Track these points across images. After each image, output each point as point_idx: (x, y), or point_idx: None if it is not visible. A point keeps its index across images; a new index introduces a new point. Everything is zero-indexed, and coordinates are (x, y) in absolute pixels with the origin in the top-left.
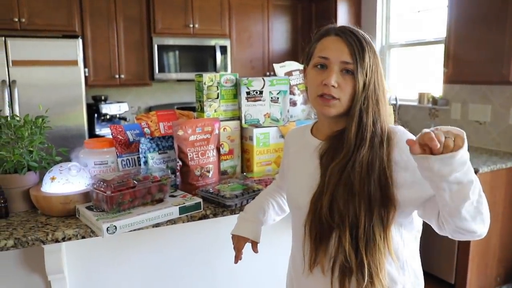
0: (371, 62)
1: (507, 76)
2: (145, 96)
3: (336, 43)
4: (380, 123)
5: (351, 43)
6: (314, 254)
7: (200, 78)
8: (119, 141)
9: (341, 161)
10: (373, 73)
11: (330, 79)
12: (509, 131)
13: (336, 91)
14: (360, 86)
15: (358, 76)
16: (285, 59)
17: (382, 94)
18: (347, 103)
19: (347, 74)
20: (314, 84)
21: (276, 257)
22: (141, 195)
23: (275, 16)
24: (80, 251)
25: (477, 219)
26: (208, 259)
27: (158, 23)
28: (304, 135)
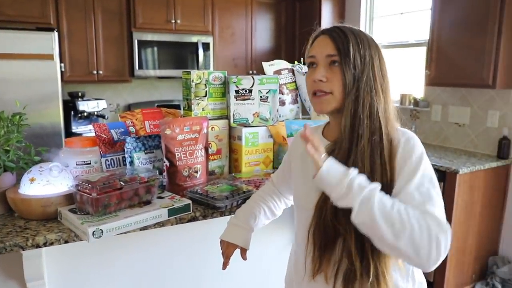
0: (361, 53)
1: (487, 80)
2: (124, 93)
3: (322, 41)
4: (378, 118)
5: (335, 36)
6: (318, 263)
7: (188, 75)
8: (102, 140)
9: (340, 161)
10: (365, 65)
11: (316, 74)
12: (487, 133)
13: (325, 85)
14: (348, 77)
15: (345, 66)
16: (268, 58)
17: (380, 88)
18: (340, 96)
19: (334, 65)
20: (308, 85)
21: (266, 260)
22: (128, 197)
23: (259, 14)
24: (61, 256)
25: (400, 239)
26: (197, 262)
27: (138, 18)
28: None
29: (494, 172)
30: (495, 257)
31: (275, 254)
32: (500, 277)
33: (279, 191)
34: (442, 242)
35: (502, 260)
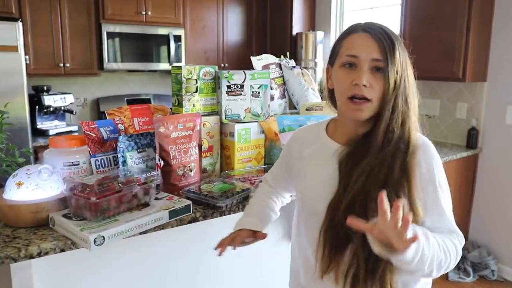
0: (401, 59)
1: (457, 73)
2: (92, 87)
3: (365, 40)
4: (408, 125)
5: (381, 39)
6: (328, 263)
7: (179, 70)
8: (92, 139)
9: (365, 167)
10: (403, 71)
11: (362, 78)
12: (456, 124)
13: (368, 91)
14: (391, 85)
15: (389, 74)
16: (240, 51)
17: (412, 93)
18: (377, 104)
19: (378, 72)
20: (344, 85)
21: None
22: (127, 200)
23: (230, 7)
24: (52, 266)
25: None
26: (194, 263)
27: (107, 9)
28: (319, 136)
29: (464, 161)
30: (466, 243)
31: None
32: (471, 261)
33: (277, 191)
34: (461, 255)
35: (472, 245)
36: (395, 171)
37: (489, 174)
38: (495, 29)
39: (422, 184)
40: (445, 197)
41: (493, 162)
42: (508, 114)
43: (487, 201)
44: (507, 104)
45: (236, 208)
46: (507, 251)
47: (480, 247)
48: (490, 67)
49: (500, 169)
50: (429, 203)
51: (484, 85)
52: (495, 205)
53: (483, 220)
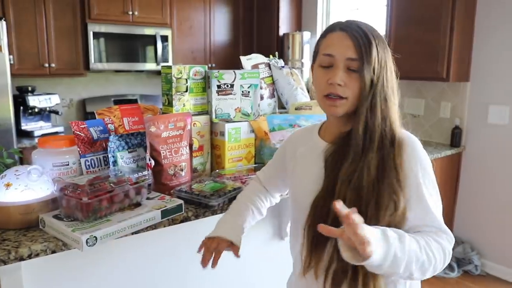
0: (379, 57)
1: (441, 73)
2: (77, 87)
3: (341, 39)
4: (389, 122)
5: (357, 37)
6: (309, 259)
7: (169, 69)
8: (81, 139)
9: (350, 165)
10: (382, 69)
11: (336, 77)
12: (440, 124)
13: (342, 90)
14: (366, 84)
15: (365, 73)
16: (227, 50)
17: (392, 91)
18: (354, 101)
19: (353, 72)
20: (320, 84)
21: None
22: (119, 200)
23: (217, 7)
24: (42, 268)
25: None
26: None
27: (93, 8)
28: (312, 136)
29: (448, 159)
30: None
31: (259, 250)
32: (455, 257)
33: (267, 189)
34: (451, 254)
35: (456, 240)
36: (378, 169)
37: (472, 172)
38: (477, 30)
39: (407, 181)
40: (431, 195)
41: (476, 160)
42: (490, 113)
43: (470, 198)
44: (489, 104)
45: (227, 207)
46: (489, 247)
47: (464, 243)
48: (473, 67)
49: (482, 167)
50: (414, 200)
51: (467, 85)
52: (478, 202)
53: (466, 216)
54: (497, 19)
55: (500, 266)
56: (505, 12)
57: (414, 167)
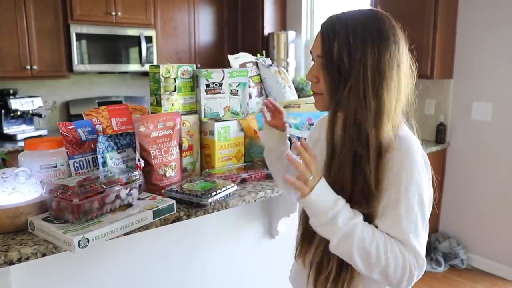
0: (350, 52)
1: (426, 71)
2: (61, 89)
3: (317, 37)
4: (365, 126)
5: (324, 34)
6: (300, 247)
7: (157, 69)
8: (69, 140)
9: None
10: (354, 66)
11: (308, 74)
12: (425, 120)
13: (315, 86)
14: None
15: (328, 68)
16: (211, 51)
17: (372, 90)
18: (329, 98)
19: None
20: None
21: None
22: (110, 201)
23: (202, 7)
24: (32, 272)
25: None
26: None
27: (75, 9)
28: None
29: (433, 156)
30: (437, 234)
31: (251, 249)
32: (442, 251)
33: None
34: (415, 275)
35: (443, 236)
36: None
37: (457, 168)
38: (460, 28)
39: (387, 187)
40: (409, 206)
41: (460, 156)
42: (474, 110)
43: (455, 193)
44: (473, 100)
45: (220, 206)
46: (475, 241)
47: (450, 237)
48: (456, 64)
49: (467, 163)
50: (387, 207)
51: (450, 82)
52: (463, 197)
53: (452, 211)
54: (479, 17)
55: (486, 259)
56: (486, 10)
57: (399, 175)
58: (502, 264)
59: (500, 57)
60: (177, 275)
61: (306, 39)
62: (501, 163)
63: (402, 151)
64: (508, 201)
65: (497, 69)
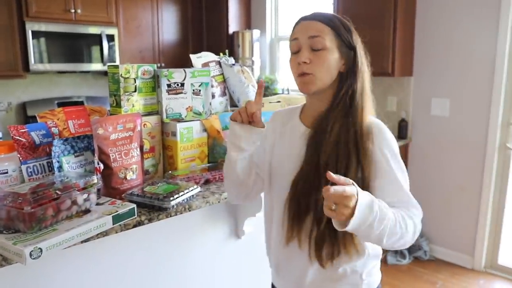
0: (347, 35)
1: (387, 69)
2: (17, 90)
3: (303, 24)
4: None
5: (318, 18)
6: (291, 230)
7: (116, 69)
8: (22, 144)
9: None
10: (351, 49)
11: (301, 57)
12: (387, 117)
13: (307, 67)
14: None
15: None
16: (176, 49)
17: (364, 74)
18: (324, 78)
19: (318, 50)
20: (293, 67)
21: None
22: (66, 207)
23: (165, 5)
24: None
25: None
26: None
27: (31, 6)
28: (292, 118)
29: None
30: None
31: (216, 250)
32: None
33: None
34: (420, 227)
35: None
36: (350, 155)
37: (419, 162)
38: (418, 27)
39: (378, 165)
40: (401, 174)
41: (422, 151)
42: (433, 105)
43: (418, 187)
44: (432, 97)
45: (182, 209)
46: (436, 232)
47: None
48: (415, 62)
49: (428, 157)
50: (386, 180)
51: (410, 79)
52: (425, 190)
53: None
54: (436, 17)
55: (447, 250)
56: (443, 10)
57: (385, 153)
58: (461, 253)
59: (456, 55)
60: (141, 281)
61: (271, 37)
62: (458, 156)
63: (382, 130)
64: (465, 193)
65: (454, 67)
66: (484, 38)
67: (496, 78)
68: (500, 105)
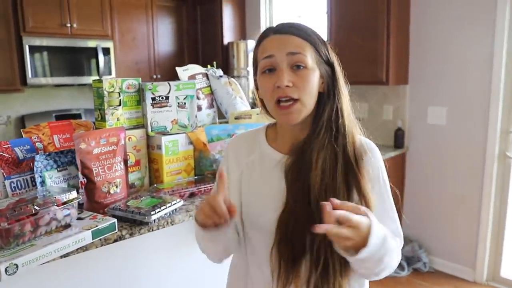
0: (328, 52)
1: (381, 78)
2: (15, 104)
3: (276, 39)
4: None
5: (294, 32)
6: (287, 276)
7: (100, 83)
8: (5, 159)
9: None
10: (330, 65)
11: (282, 79)
12: (383, 126)
13: (292, 91)
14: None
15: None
16: (171, 61)
17: (343, 91)
18: (309, 103)
19: (299, 69)
20: (267, 90)
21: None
22: (45, 223)
23: (160, 18)
24: None
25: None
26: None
27: (28, 21)
28: (259, 145)
29: (393, 160)
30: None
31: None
32: (405, 255)
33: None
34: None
35: (405, 240)
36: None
37: (416, 171)
38: (412, 35)
39: (375, 190)
40: (389, 197)
41: (419, 160)
42: (429, 114)
43: (416, 197)
44: (428, 105)
45: (165, 223)
46: (436, 243)
47: (412, 241)
48: (411, 70)
49: (425, 166)
50: (379, 206)
51: (406, 88)
52: (423, 200)
53: (413, 215)
54: (431, 23)
55: (447, 261)
56: (438, 16)
57: (377, 173)
58: (462, 265)
59: (453, 62)
60: None
61: None
62: (457, 165)
63: (374, 152)
64: (465, 202)
65: (451, 74)
66: (480, 45)
67: (494, 85)
68: (498, 113)
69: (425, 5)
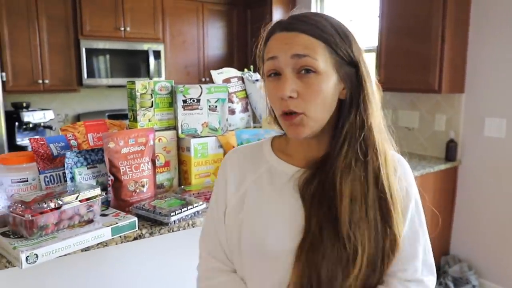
0: (347, 47)
1: (433, 85)
2: (72, 103)
3: (283, 37)
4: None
5: (303, 29)
6: None
7: (133, 85)
8: (41, 155)
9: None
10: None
11: (284, 89)
12: (435, 137)
13: (295, 103)
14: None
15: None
16: (221, 65)
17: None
18: (320, 116)
19: (308, 74)
20: (273, 100)
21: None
22: (68, 217)
23: (211, 21)
24: None
25: None
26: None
27: (85, 25)
28: (266, 159)
29: (443, 174)
30: (447, 257)
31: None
32: (452, 276)
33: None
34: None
35: (453, 259)
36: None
37: (469, 187)
38: (472, 40)
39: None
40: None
41: (472, 175)
42: (486, 126)
43: (468, 214)
44: (485, 116)
45: (186, 224)
46: (488, 266)
47: (461, 261)
48: (467, 78)
49: (479, 182)
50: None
51: (462, 97)
52: (476, 218)
53: (464, 234)
54: (493, 28)
55: (498, 285)
56: (500, 21)
57: (410, 192)
58: None
59: None
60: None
61: None
62: None
63: (405, 167)
64: None
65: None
66: None
67: None
68: None
69: (487, 5)
